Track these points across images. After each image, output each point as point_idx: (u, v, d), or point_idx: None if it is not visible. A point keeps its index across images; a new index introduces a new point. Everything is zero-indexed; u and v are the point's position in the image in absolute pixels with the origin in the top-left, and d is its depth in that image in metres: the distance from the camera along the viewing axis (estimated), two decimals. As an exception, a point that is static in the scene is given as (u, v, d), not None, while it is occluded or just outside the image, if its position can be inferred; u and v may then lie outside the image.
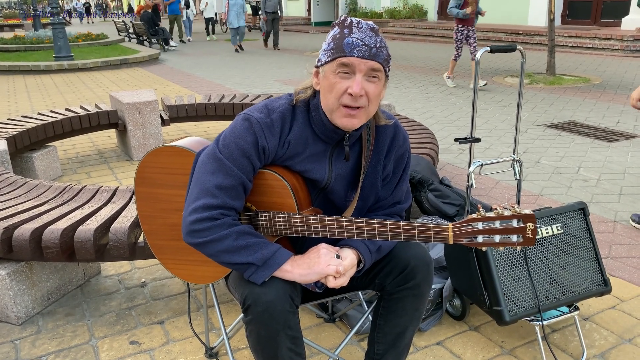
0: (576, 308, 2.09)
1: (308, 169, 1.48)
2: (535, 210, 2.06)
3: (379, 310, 1.62)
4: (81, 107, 4.86)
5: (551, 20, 8.22)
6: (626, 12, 12.88)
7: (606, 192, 3.72)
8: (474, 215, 1.31)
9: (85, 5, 42.08)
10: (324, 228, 1.43)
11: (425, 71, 9.93)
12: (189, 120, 5.08)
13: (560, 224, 2.09)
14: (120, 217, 2.31)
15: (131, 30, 17.70)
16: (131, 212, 2.35)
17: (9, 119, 4.32)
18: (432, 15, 18.86)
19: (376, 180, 1.55)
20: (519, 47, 2.45)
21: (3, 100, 7.95)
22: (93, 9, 48.63)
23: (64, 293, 2.55)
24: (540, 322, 1.98)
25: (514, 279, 1.97)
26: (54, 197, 2.61)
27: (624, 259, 2.78)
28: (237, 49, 14.56)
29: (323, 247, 1.43)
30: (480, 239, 1.32)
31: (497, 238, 1.32)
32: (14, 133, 3.89)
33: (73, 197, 2.60)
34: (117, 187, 2.68)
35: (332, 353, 1.86)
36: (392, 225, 1.38)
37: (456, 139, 2.51)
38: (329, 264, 1.39)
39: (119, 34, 19.37)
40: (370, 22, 1.38)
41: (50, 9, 11.76)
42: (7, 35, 18.81)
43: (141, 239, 2.30)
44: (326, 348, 2.09)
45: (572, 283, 2.05)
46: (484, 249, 1.44)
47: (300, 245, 1.57)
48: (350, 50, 1.33)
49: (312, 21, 24.29)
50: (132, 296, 2.54)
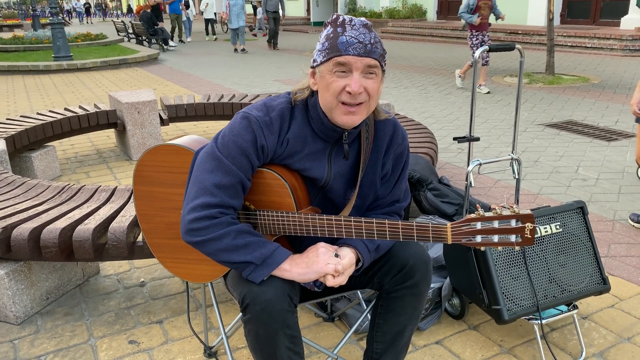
0: (575, 307, 2.09)
1: (307, 167, 1.48)
2: (534, 210, 2.06)
3: (378, 309, 1.62)
4: (80, 107, 4.85)
5: (550, 20, 8.22)
6: (625, 11, 12.89)
7: (605, 191, 3.72)
8: (473, 215, 1.31)
9: (85, 5, 42.05)
10: (322, 227, 1.43)
11: (424, 71, 9.93)
12: (188, 120, 5.07)
13: (559, 223, 2.09)
14: (119, 216, 2.31)
15: (130, 31, 17.69)
16: (130, 212, 2.35)
17: (7, 119, 4.31)
18: (431, 15, 18.87)
19: (375, 178, 1.55)
20: (517, 46, 2.45)
21: (2, 101, 7.94)
22: (93, 9, 48.61)
23: (63, 293, 2.55)
24: (539, 321, 1.98)
25: (512, 278, 1.97)
26: (53, 196, 2.61)
27: (622, 257, 2.79)
28: (236, 49, 14.55)
29: (322, 246, 1.43)
30: (478, 238, 1.32)
31: (495, 238, 1.31)
32: (13, 133, 3.89)
33: (72, 197, 2.60)
34: (116, 187, 2.67)
35: (331, 352, 1.86)
36: (390, 225, 1.38)
37: (455, 138, 2.52)
38: (328, 263, 1.39)
39: (118, 34, 19.36)
40: (362, 19, 1.38)
41: (49, 9, 11.75)
42: (6, 35, 18.78)
43: (140, 238, 2.30)
44: (325, 347, 2.09)
45: (570, 282, 2.05)
46: (482, 248, 1.44)
47: (298, 244, 1.57)
48: (345, 48, 1.33)
49: (311, 21, 24.30)
50: (131, 296, 2.54)
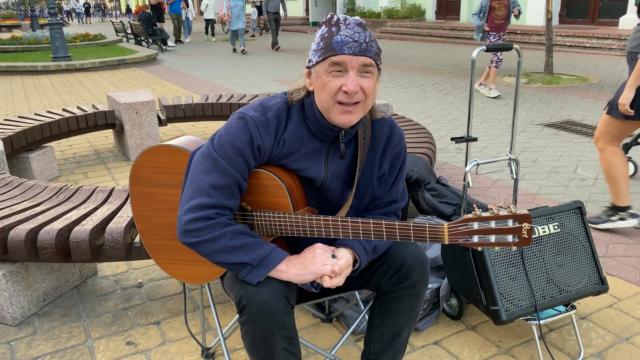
0: (573, 307, 2.09)
1: (304, 167, 1.47)
2: (531, 210, 2.06)
3: (375, 310, 1.62)
4: (78, 108, 4.84)
5: (549, 20, 8.23)
6: (624, 11, 12.90)
7: (603, 191, 3.72)
8: (470, 215, 1.31)
9: (85, 5, 42.05)
10: (319, 228, 1.43)
11: (423, 71, 9.93)
12: (186, 120, 5.07)
13: (557, 223, 2.09)
14: (116, 217, 2.31)
15: (129, 31, 17.68)
16: (127, 213, 2.35)
17: (5, 120, 4.31)
18: (430, 15, 18.87)
19: (372, 178, 1.55)
20: (515, 46, 2.45)
21: (0, 101, 7.93)
22: (92, 10, 48.57)
23: (60, 294, 2.55)
24: (537, 322, 1.98)
25: (510, 278, 1.97)
26: (50, 197, 2.60)
27: (620, 257, 2.78)
28: (235, 49, 14.55)
29: (318, 247, 1.43)
30: (475, 239, 1.32)
31: (492, 238, 1.31)
32: (11, 133, 3.88)
33: (69, 198, 2.59)
34: (114, 188, 2.67)
35: (328, 353, 1.86)
36: (387, 225, 1.38)
37: (452, 138, 2.51)
38: (325, 264, 1.39)
39: (117, 35, 19.34)
40: (357, 18, 1.37)
41: (48, 9, 11.74)
42: (5, 35, 18.79)
43: (137, 239, 2.29)
44: (323, 348, 2.08)
45: (569, 282, 2.05)
46: (479, 248, 1.44)
47: (295, 245, 1.57)
48: (341, 48, 1.32)
49: (310, 21, 24.30)
50: (129, 297, 2.53)
